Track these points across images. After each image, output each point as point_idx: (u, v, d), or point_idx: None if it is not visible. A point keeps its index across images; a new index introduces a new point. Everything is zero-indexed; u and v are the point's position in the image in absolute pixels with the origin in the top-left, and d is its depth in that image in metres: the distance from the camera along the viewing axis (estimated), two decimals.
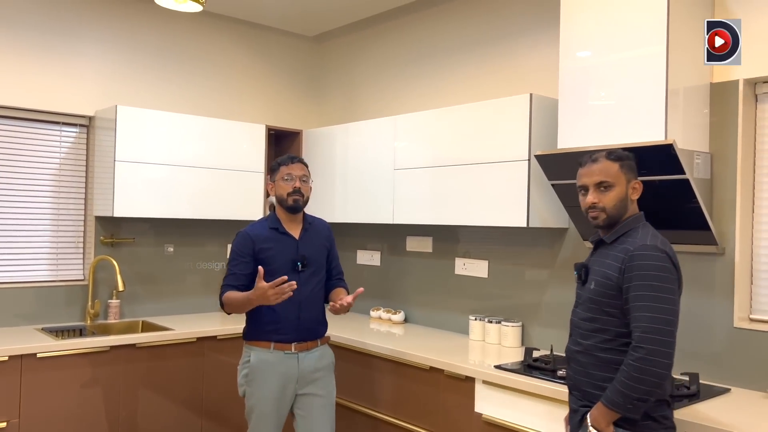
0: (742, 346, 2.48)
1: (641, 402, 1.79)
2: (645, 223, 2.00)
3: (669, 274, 1.84)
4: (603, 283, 1.92)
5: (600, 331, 1.93)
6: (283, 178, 2.69)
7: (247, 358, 2.70)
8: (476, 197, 3.07)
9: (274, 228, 2.72)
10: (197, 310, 4.07)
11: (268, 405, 2.64)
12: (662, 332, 1.77)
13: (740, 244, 2.51)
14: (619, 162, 1.99)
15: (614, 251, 1.94)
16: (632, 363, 1.78)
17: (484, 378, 2.67)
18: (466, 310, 3.51)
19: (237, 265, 2.67)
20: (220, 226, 4.15)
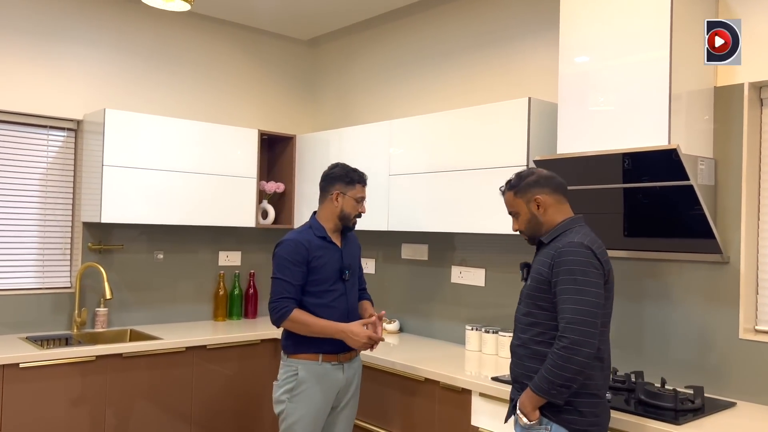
0: (747, 358, 2.40)
1: (564, 388, 1.91)
2: (582, 225, 2.11)
3: (593, 269, 1.96)
4: (536, 278, 2.06)
5: (534, 324, 2.05)
6: (357, 198, 2.71)
7: (293, 372, 2.58)
8: (473, 203, 3.00)
9: (322, 237, 2.68)
10: (188, 319, 3.97)
11: (311, 420, 2.58)
12: (585, 323, 1.89)
13: (745, 252, 2.43)
14: (512, 190, 2.17)
15: (548, 249, 2.06)
16: (556, 351, 1.91)
17: (481, 390, 2.59)
18: (463, 320, 3.42)
19: (293, 275, 2.57)
20: (211, 232, 4.07)
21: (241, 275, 4.15)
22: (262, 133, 3.98)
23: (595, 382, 1.99)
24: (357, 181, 2.72)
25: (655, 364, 2.63)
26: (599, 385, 2.01)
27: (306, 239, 2.63)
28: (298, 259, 2.57)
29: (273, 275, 2.60)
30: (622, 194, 2.54)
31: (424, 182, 3.25)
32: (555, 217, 2.12)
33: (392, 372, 2.96)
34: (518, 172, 2.21)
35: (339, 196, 2.70)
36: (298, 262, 2.57)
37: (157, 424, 3.30)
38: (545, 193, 2.12)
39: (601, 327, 1.96)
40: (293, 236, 2.65)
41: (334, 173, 2.75)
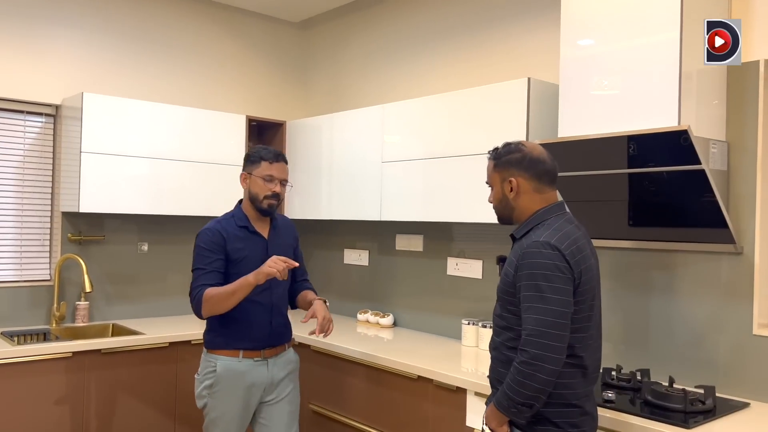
0: (762, 355, 2.24)
1: (525, 407, 1.71)
2: (558, 215, 1.86)
3: (559, 273, 1.71)
4: (504, 280, 1.85)
5: (506, 328, 1.84)
6: (263, 177, 2.46)
7: (212, 368, 2.45)
8: (470, 191, 2.83)
9: (244, 226, 2.49)
10: (174, 313, 3.82)
11: (233, 417, 2.45)
12: (544, 335, 1.67)
13: (760, 242, 2.27)
14: (494, 161, 1.93)
15: (517, 247, 1.85)
16: (517, 366, 1.70)
17: (477, 389, 2.43)
18: (459, 313, 3.27)
19: (211, 262, 2.39)
20: (198, 222, 3.88)
21: None
22: (250, 119, 3.81)
23: (573, 390, 1.77)
24: (263, 157, 2.47)
25: (662, 362, 2.47)
26: (579, 395, 1.78)
27: (224, 228, 2.45)
28: (215, 248, 2.40)
29: (192, 267, 2.42)
30: (628, 180, 2.38)
31: (418, 169, 3.09)
32: (530, 205, 1.88)
33: (383, 369, 2.81)
34: (510, 141, 1.95)
35: (246, 177, 2.51)
36: (216, 250, 2.40)
37: (139, 422, 3.15)
38: (523, 177, 1.87)
39: (582, 332, 1.77)
40: (211, 225, 2.47)
41: (245, 157, 2.57)
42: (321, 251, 4.17)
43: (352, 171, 3.45)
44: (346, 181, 3.48)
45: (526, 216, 1.89)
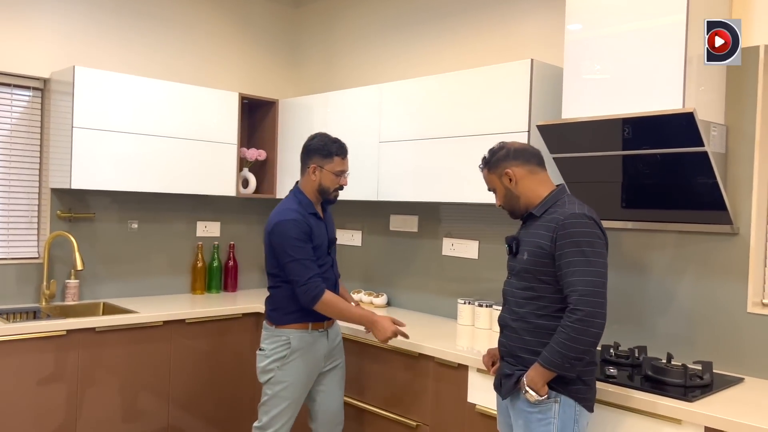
0: (755, 332, 2.32)
1: (577, 361, 1.88)
2: (569, 194, 2.09)
3: (598, 239, 1.93)
4: (536, 252, 1.98)
5: (535, 298, 1.99)
6: (335, 171, 2.63)
7: (284, 341, 2.58)
8: (467, 172, 2.84)
9: (313, 213, 2.64)
10: (164, 292, 3.79)
11: (301, 387, 2.61)
12: (597, 294, 1.85)
13: (756, 223, 2.34)
14: (486, 167, 2.15)
15: (544, 222, 2.00)
16: (570, 324, 1.85)
17: (480, 366, 2.47)
18: (455, 294, 3.30)
19: (308, 252, 2.54)
20: (189, 201, 3.86)
21: (220, 247, 3.97)
22: (243, 97, 3.77)
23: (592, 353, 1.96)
24: (335, 153, 2.63)
25: (658, 339, 2.54)
26: (595, 355, 2.04)
27: (304, 217, 2.58)
28: (306, 237, 2.54)
29: (290, 258, 2.50)
30: (630, 162, 2.42)
31: (416, 150, 3.09)
32: (533, 188, 2.08)
33: (384, 347, 2.83)
34: (490, 148, 2.17)
35: (316, 169, 2.63)
36: (306, 239, 2.54)
37: (133, 401, 3.13)
38: (516, 166, 2.08)
39: None
40: (294, 216, 2.55)
41: (311, 145, 2.68)
42: None
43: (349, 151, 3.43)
44: None
45: (533, 198, 2.08)
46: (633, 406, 2.05)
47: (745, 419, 1.84)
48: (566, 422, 1.94)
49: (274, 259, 2.58)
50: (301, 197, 2.63)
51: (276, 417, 2.58)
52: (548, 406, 1.95)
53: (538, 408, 1.95)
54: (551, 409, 1.94)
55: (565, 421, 1.94)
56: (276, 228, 2.54)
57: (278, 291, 2.62)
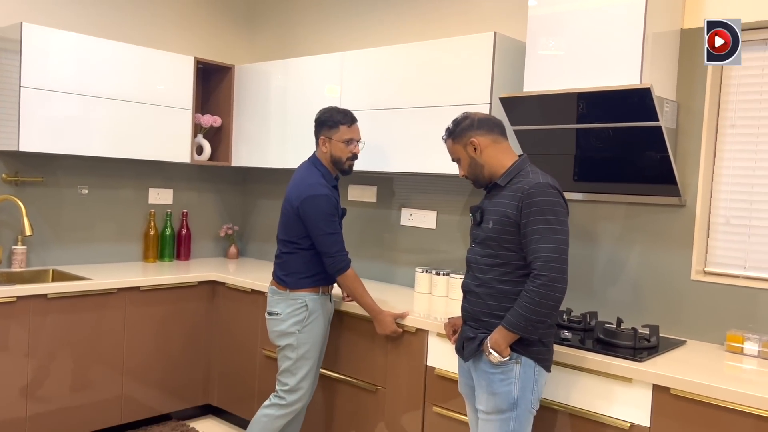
0: (697, 298, 2.48)
1: (540, 324, 1.98)
2: (531, 165, 2.13)
3: (561, 209, 2.01)
4: (502, 221, 2.04)
5: (499, 265, 2.06)
6: (344, 140, 2.67)
7: (300, 304, 2.68)
8: (428, 143, 2.89)
9: (334, 186, 2.74)
10: (115, 260, 3.71)
11: (321, 347, 2.74)
12: (559, 260, 1.94)
13: (701, 196, 2.48)
14: (450, 138, 2.18)
15: (509, 191, 2.06)
16: (534, 289, 1.93)
17: (439, 330, 2.54)
18: (412, 263, 3.37)
19: (337, 226, 2.67)
20: (140, 167, 3.77)
21: (173, 214, 3.90)
22: (198, 62, 3.68)
23: (553, 317, 2.06)
24: (341, 122, 2.68)
25: (609, 306, 2.67)
26: (555, 318, 2.17)
27: (331, 192, 2.67)
28: (336, 211, 2.66)
29: (323, 232, 2.61)
30: (584, 135, 2.50)
31: (377, 120, 3.11)
32: (497, 157, 2.12)
33: (343, 312, 2.87)
34: (454, 118, 2.20)
35: (326, 141, 2.69)
36: (336, 213, 2.66)
37: (86, 370, 3.07)
38: (480, 135, 2.12)
39: None
40: (325, 192, 2.63)
41: (318, 119, 2.74)
42: (268, 200, 4.14)
43: (307, 119, 3.40)
44: (299, 130, 3.45)
45: (497, 167, 2.13)
46: (587, 366, 2.16)
47: (688, 377, 1.97)
48: (526, 381, 2.04)
49: (297, 228, 2.64)
50: (323, 170, 2.70)
51: (303, 378, 2.67)
52: (510, 367, 2.03)
53: (500, 369, 2.04)
54: (513, 370, 2.03)
55: (525, 380, 2.04)
56: (310, 201, 2.60)
57: (294, 257, 2.69)
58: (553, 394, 2.23)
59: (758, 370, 2.14)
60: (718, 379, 1.96)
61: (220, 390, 3.52)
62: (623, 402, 2.09)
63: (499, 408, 2.04)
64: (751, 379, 2.06)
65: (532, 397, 2.05)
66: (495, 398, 2.05)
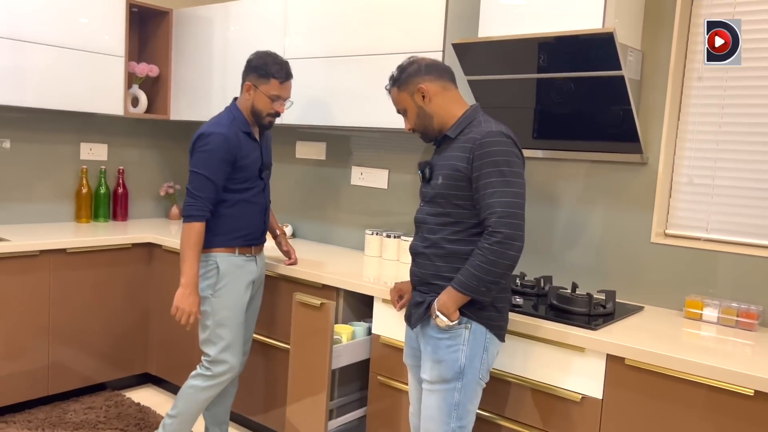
0: (657, 262, 2.34)
1: (493, 285, 1.80)
2: (483, 114, 1.93)
3: (516, 159, 1.82)
4: (452, 175, 1.86)
5: (449, 224, 1.89)
6: (271, 95, 2.40)
7: (212, 266, 2.41)
8: (377, 95, 2.66)
9: (247, 132, 2.43)
10: (45, 220, 3.43)
11: (240, 311, 2.46)
12: (515, 216, 1.76)
13: (665, 153, 2.33)
14: (395, 86, 1.97)
15: (460, 143, 1.87)
16: (488, 247, 1.76)
17: (385, 296, 2.37)
18: (363, 225, 3.18)
19: (218, 174, 2.34)
20: (71, 120, 3.47)
21: (108, 172, 3.62)
22: (131, 4, 3.37)
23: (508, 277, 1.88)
24: (274, 75, 2.40)
25: (565, 269, 2.53)
26: (509, 281, 1.96)
27: (235, 134, 2.38)
28: (228, 158, 2.35)
29: (196, 169, 2.33)
30: (544, 89, 2.32)
31: (323, 69, 2.87)
32: (447, 106, 1.92)
33: (287, 278, 2.68)
34: (399, 65, 1.98)
35: (251, 89, 2.43)
36: (227, 161, 2.35)
37: (6, 339, 2.83)
38: (428, 81, 1.91)
39: None
40: (223, 131, 2.35)
41: (251, 62, 2.47)
42: None
43: None
44: None
45: (447, 118, 1.92)
46: (537, 335, 2.01)
47: (644, 346, 1.83)
48: (475, 349, 1.87)
49: None
50: (237, 113, 2.44)
51: (225, 349, 2.42)
52: (458, 332, 1.86)
53: (448, 334, 1.86)
54: (461, 335, 1.86)
55: (474, 348, 1.86)
56: (201, 139, 2.34)
57: None
58: (501, 364, 2.09)
59: (717, 337, 2.02)
60: (674, 348, 1.83)
61: (159, 358, 3.32)
62: (576, 372, 1.95)
63: (444, 377, 1.87)
64: (709, 347, 1.93)
65: (481, 367, 1.88)
66: (440, 366, 1.88)
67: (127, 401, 3.19)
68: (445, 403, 1.88)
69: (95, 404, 3.12)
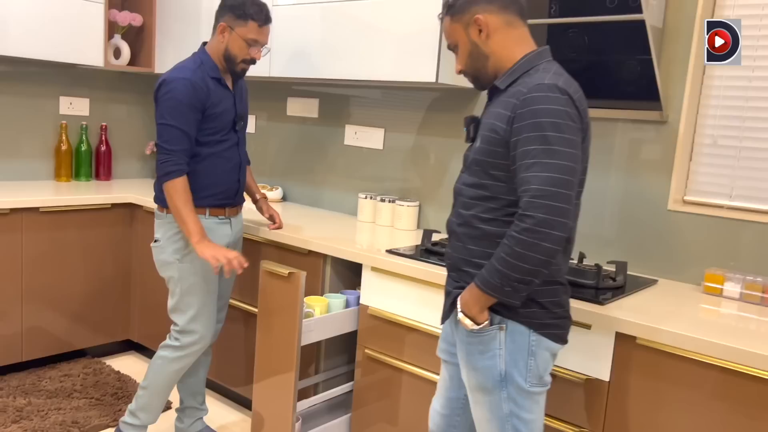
0: (673, 231, 2.13)
1: (522, 284, 1.42)
2: (550, 60, 1.55)
3: (570, 121, 1.41)
4: (488, 138, 1.51)
5: (484, 199, 1.54)
6: (247, 38, 2.17)
7: (178, 228, 2.18)
8: (374, 44, 2.45)
9: (216, 78, 2.20)
10: (20, 178, 3.25)
11: (211, 278, 2.25)
12: (556, 196, 1.37)
13: (687, 111, 2.09)
14: (448, 13, 1.59)
15: (506, 97, 1.50)
16: (516, 235, 1.39)
17: (374, 264, 2.18)
18: (356, 187, 2.97)
19: (189, 122, 2.12)
20: (48, 70, 3.26)
21: (90, 129, 3.42)
22: None
23: (559, 266, 1.53)
24: (252, 17, 2.17)
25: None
26: (562, 270, 1.56)
27: (202, 80, 2.15)
28: (196, 104, 2.13)
29: (163, 120, 2.11)
30: (555, 37, 2.09)
31: (317, 15, 2.64)
32: (508, 47, 1.55)
33: (270, 243, 2.49)
34: None
35: (225, 30, 2.19)
36: (195, 108, 2.13)
37: None
38: (489, 12, 1.53)
39: (575, 198, 1.46)
40: (187, 75, 2.12)
41: (227, 0, 2.21)
42: None
43: None
44: None
45: (505, 61, 1.55)
46: None
47: (658, 324, 1.63)
48: (516, 353, 1.51)
49: None
50: (205, 57, 2.20)
51: (194, 318, 2.23)
52: (491, 335, 1.52)
53: (478, 338, 1.53)
54: (495, 339, 1.52)
55: (514, 352, 1.51)
56: (162, 86, 2.12)
57: None
58: None
59: (739, 315, 1.81)
60: (692, 328, 1.63)
61: (141, 325, 3.16)
62: (581, 352, 1.75)
63: (483, 386, 1.55)
64: (731, 326, 1.73)
65: (528, 374, 1.52)
66: (476, 374, 1.56)
67: (107, 369, 3.04)
68: (494, 416, 1.55)
69: (73, 372, 2.97)
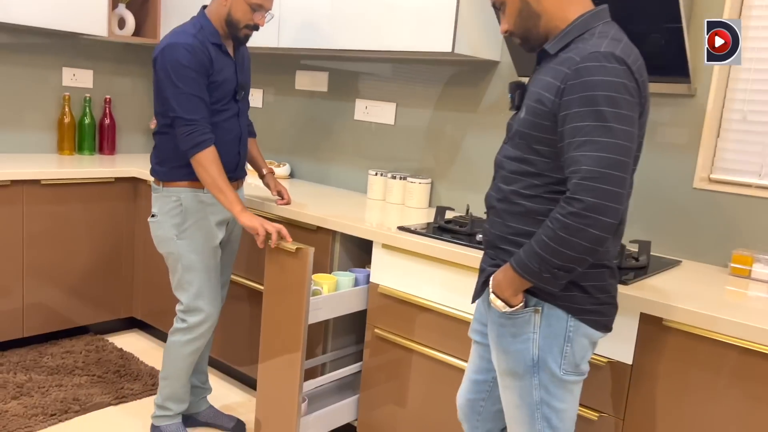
0: (698, 211, 2.04)
1: (563, 272, 1.31)
2: (608, 22, 1.39)
3: (627, 95, 1.28)
4: (534, 109, 1.38)
5: (527, 174, 1.42)
6: (252, 3, 2.05)
7: (176, 202, 2.10)
8: (387, 13, 2.35)
9: (217, 44, 2.08)
10: (24, 150, 3.18)
11: (211, 252, 2.16)
12: (609, 179, 1.24)
13: (716, 85, 1.99)
14: None
15: (556, 64, 1.36)
16: (561, 218, 1.27)
17: (384, 241, 2.10)
18: (366, 164, 2.88)
19: (201, 88, 2.00)
20: (51, 40, 3.17)
21: (93, 101, 3.34)
22: None
23: (606, 248, 1.40)
24: None
25: None
26: (610, 254, 1.43)
27: (203, 44, 2.02)
28: (202, 69, 2.00)
29: (175, 89, 1.97)
30: None
31: None
32: (562, 5, 1.39)
33: (277, 219, 2.41)
34: None
35: None
36: (201, 72, 2.00)
37: None
38: None
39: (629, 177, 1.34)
40: (187, 40, 1.99)
41: None
42: None
43: None
44: None
45: (558, 21, 1.40)
46: None
47: (684, 305, 1.54)
48: (551, 338, 1.40)
49: (158, 95, 2.03)
50: (205, 22, 2.08)
51: (198, 296, 2.14)
52: (525, 318, 1.41)
53: (511, 320, 1.42)
54: (529, 321, 1.41)
55: (548, 337, 1.40)
56: (163, 52, 1.98)
57: (165, 138, 2.10)
58: None
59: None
60: (720, 309, 1.54)
61: (144, 302, 3.10)
62: None
63: (513, 370, 1.45)
64: (759, 309, 1.64)
65: (563, 361, 1.41)
66: (507, 357, 1.46)
67: (110, 346, 2.98)
68: (523, 402, 1.46)
69: (75, 348, 2.91)
